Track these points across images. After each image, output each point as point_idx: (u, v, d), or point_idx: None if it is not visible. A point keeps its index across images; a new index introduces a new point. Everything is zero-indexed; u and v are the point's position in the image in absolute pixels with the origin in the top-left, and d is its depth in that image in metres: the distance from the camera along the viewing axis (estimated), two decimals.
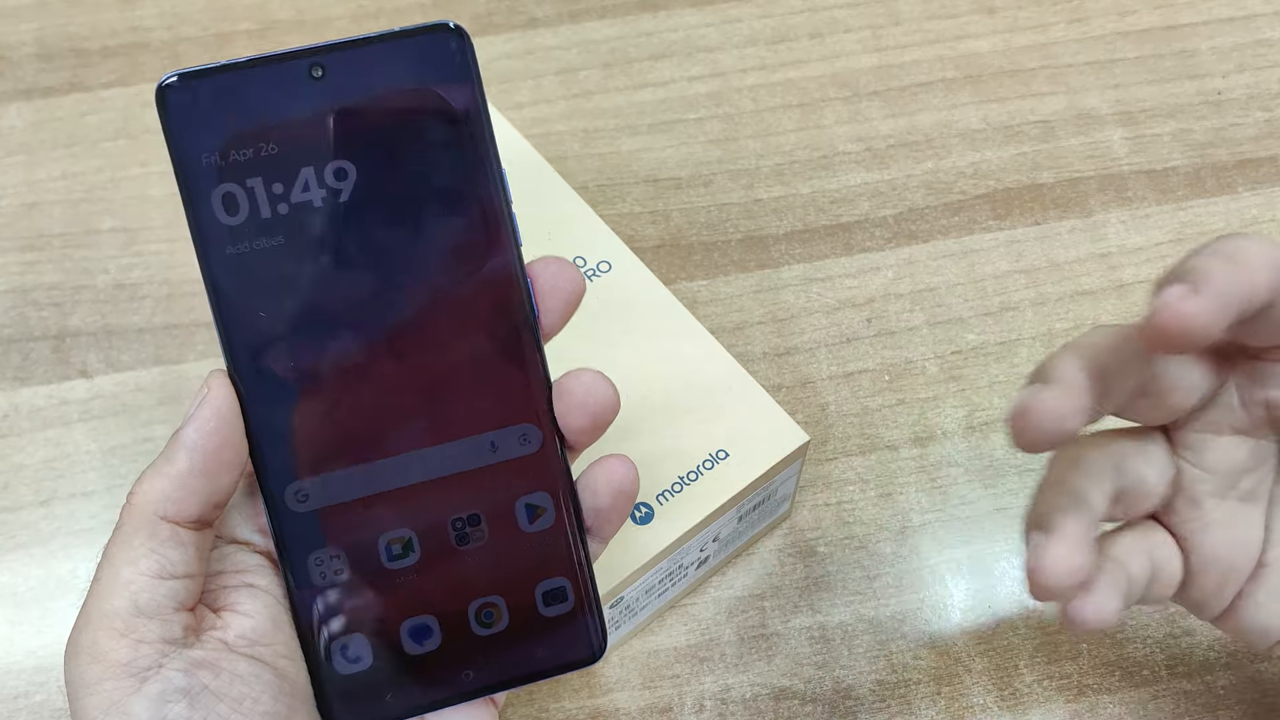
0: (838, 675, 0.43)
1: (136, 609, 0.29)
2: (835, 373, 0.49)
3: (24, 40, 0.58)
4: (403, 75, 0.31)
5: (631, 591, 0.39)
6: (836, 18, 0.58)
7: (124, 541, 0.29)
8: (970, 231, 0.52)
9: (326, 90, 0.30)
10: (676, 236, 0.52)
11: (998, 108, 0.55)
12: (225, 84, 0.30)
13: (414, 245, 0.31)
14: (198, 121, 0.30)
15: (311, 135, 0.30)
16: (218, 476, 0.30)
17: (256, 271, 0.30)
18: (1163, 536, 0.33)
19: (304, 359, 0.31)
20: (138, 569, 0.29)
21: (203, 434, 0.30)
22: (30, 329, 0.50)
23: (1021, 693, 0.42)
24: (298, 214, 0.30)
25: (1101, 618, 0.31)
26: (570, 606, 0.32)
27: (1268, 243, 0.29)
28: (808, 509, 0.46)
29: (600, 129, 0.55)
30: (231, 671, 0.29)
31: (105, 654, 0.28)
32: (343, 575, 0.31)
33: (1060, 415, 0.29)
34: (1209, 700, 0.42)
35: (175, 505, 0.29)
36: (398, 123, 0.31)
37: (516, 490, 0.32)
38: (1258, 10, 0.58)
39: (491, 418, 0.32)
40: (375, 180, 0.31)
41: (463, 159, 0.31)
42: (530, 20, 0.58)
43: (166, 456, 0.30)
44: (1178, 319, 0.27)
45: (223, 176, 0.30)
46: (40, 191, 0.53)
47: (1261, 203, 0.53)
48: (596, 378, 0.32)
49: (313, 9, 0.58)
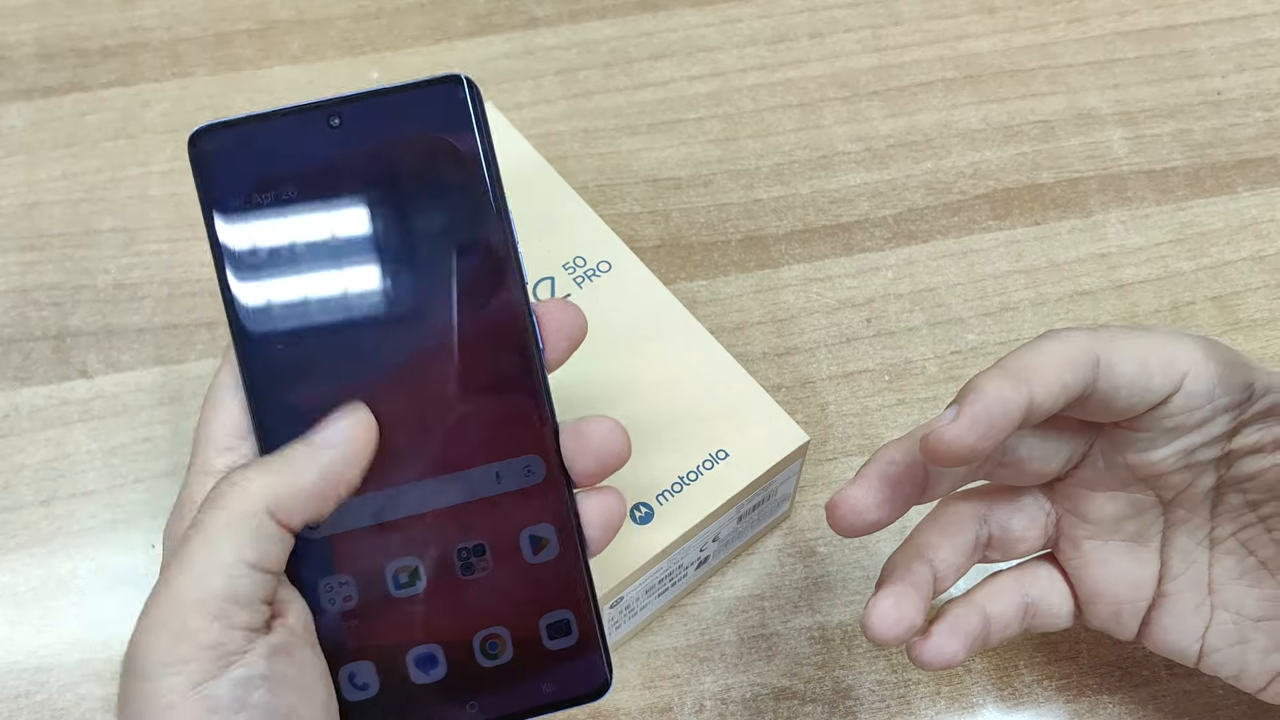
0: (838, 675, 0.43)
1: (234, 595, 0.29)
2: (835, 373, 0.49)
3: (24, 40, 0.58)
4: (414, 124, 0.32)
5: (631, 591, 0.39)
6: (836, 18, 0.58)
7: (229, 524, 0.29)
8: (970, 231, 0.52)
9: (343, 138, 0.32)
10: (676, 236, 0.52)
11: (998, 108, 0.55)
12: (251, 133, 0.32)
13: (426, 285, 0.32)
14: (225, 167, 0.32)
15: (329, 180, 0.32)
16: (328, 504, 0.31)
17: (277, 308, 0.32)
18: (1047, 572, 0.37)
19: (322, 392, 0.32)
20: (241, 555, 0.29)
21: (341, 465, 0.31)
22: (30, 329, 0.50)
23: (1021, 693, 0.42)
24: (316, 254, 0.32)
25: (943, 659, 0.34)
26: (575, 640, 0.32)
27: (1067, 344, 0.32)
28: (808, 509, 0.46)
29: (600, 129, 0.55)
30: (301, 661, 0.30)
31: (196, 633, 0.28)
32: (351, 602, 0.32)
33: (860, 511, 0.34)
34: (1209, 700, 0.42)
35: (284, 513, 0.30)
36: (409, 169, 0.32)
37: (521, 521, 0.32)
38: (1258, 10, 0.58)
39: (497, 449, 0.32)
40: (388, 223, 0.32)
41: (471, 202, 0.32)
42: (530, 20, 0.58)
43: (293, 465, 0.30)
44: (940, 444, 0.31)
45: (247, 218, 0.32)
46: (40, 191, 0.53)
47: (1261, 203, 0.53)
48: (614, 429, 0.32)
49: (313, 9, 0.58)
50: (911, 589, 0.34)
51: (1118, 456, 0.34)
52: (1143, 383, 0.32)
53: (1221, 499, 0.35)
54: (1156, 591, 0.36)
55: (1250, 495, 0.34)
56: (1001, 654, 0.43)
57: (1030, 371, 0.31)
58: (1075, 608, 0.37)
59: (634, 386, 0.41)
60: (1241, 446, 0.33)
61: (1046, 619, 0.37)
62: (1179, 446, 0.34)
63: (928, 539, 0.36)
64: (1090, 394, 0.32)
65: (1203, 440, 0.33)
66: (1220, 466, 0.34)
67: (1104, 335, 0.32)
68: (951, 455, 0.31)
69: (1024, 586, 0.37)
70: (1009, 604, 0.36)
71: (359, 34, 0.58)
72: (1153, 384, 0.32)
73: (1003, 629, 0.36)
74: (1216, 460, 0.34)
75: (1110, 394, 0.32)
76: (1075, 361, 0.32)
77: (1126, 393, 0.32)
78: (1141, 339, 0.33)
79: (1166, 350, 0.32)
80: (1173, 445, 0.34)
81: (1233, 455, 0.34)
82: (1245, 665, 0.36)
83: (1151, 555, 0.36)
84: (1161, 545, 0.36)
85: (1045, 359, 0.32)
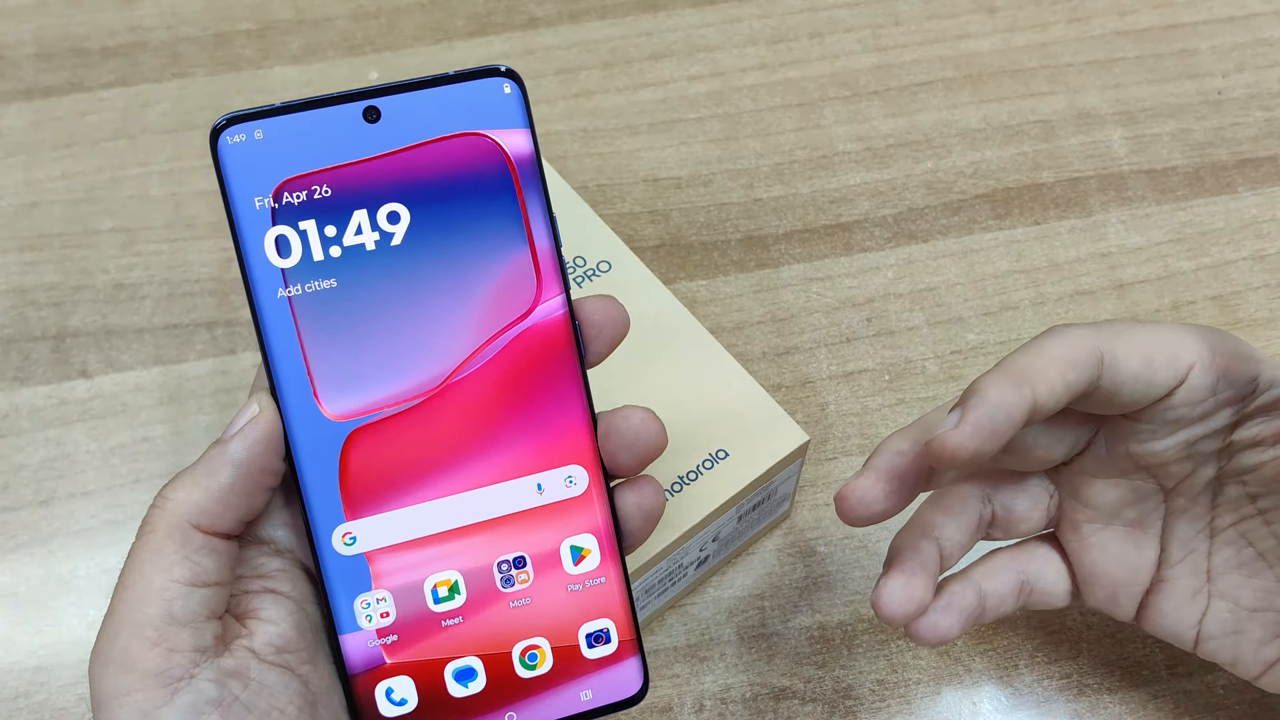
0: (838, 675, 0.43)
1: (170, 617, 0.28)
2: (835, 372, 0.49)
3: (24, 40, 0.58)
4: (458, 120, 0.31)
5: (632, 591, 0.39)
6: (836, 18, 0.58)
7: (156, 548, 0.29)
8: (970, 231, 0.52)
9: (380, 134, 0.31)
10: (676, 236, 0.52)
11: (998, 107, 0.55)
12: (278, 126, 0.30)
13: (467, 289, 0.31)
14: (251, 163, 0.30)
15: (365, 178, 0.31)
16: (255, 495, 0.30)
17: (311, 312, 0.31)
18: (1045, 552, 0.38)
19: (355, 401, 0.31)
20: (171, 576, 0.29)
21: (251, 454, 0.30)
22: (30, 329, 0.50)
23: (1021, 693, 0.42)
24: (351, 257, 0.31)
25: (938, 635, 0.35)
26: (614, 648, 0.32)
27: (1069, 342, 0.32)
28: (808, 509, 0.46)
29: (600, 129, 0.55)
30: (260, 682, 0.29)
31: (137, 663, 0.28)
32: (389, 618, 0.31)
33: (868, 503, 0.34)
34: (1209, 700, 0.42)
35: (210, 518, 0.29)
36: (452, 167, 0.31)
37: (562, 532, 0.32)
38: (1258, 10, 0.58)
39: (539, 460, 0.32)
40: (428, 225, 0.31)
41: (516, 204, 0.32)
42: (530, 20, 0.58)
43: (207, 469, 0.30)
44: (944, 450, 0.31)
45: (275, 219, 0.30)
46: (40, 191, 0.53)
47: (1261, 202, 0.53)
48: (647, 418, 0.32)
49: (312, 9, 0.58)
50: (920, 568, 0.34)
51: (1120, 446, 0.35)
52: (1146, 377, 0.32)
53: (1222, 490, 0.35)
54: (1155, 576, 0.36)
55: (1250, 488, 0.34)
56: (1002, 653, 0.43)
57: (1032, 373, 0.31)
58: (1073, 587, 0.37)
59: (634, 386, 0.41)
60: (1243, 439, 0.34)
61: (1043, 597, 0.37)
62: (1181, 438, 0.34)
63: (933, 518, 0.36)
64: (1094, 390, 0.32)
65: (1205, 432, 0.34)
66: (1221, 458, 0.34)
67: (1108, 331, 0.33)
68: (955, 461, 0.31)
69: (1021, 565, 0.37)
70: (1005, 582, 0.37)
71: (359, 34, 0.58)
72: (1156, 378, 0.32)
73: (998, 606, 0.37)
74: (1218, 452, 0.34)
75: (1114, 389, 0.32)
76: (1078, 360, 0.32)
77: (1130, 388, 0.32)
78: (1145, 334, 0.33)
79: (1171, 344, 0.32)
80: (1175, 437, 0.34)
81: (1234, 447, 0.34)
82: (1240, 654, 0.36)
83: (1151, 541, 0.36)
84: (1161, 532, 0.36)
85: (1047, 359, 0.32)
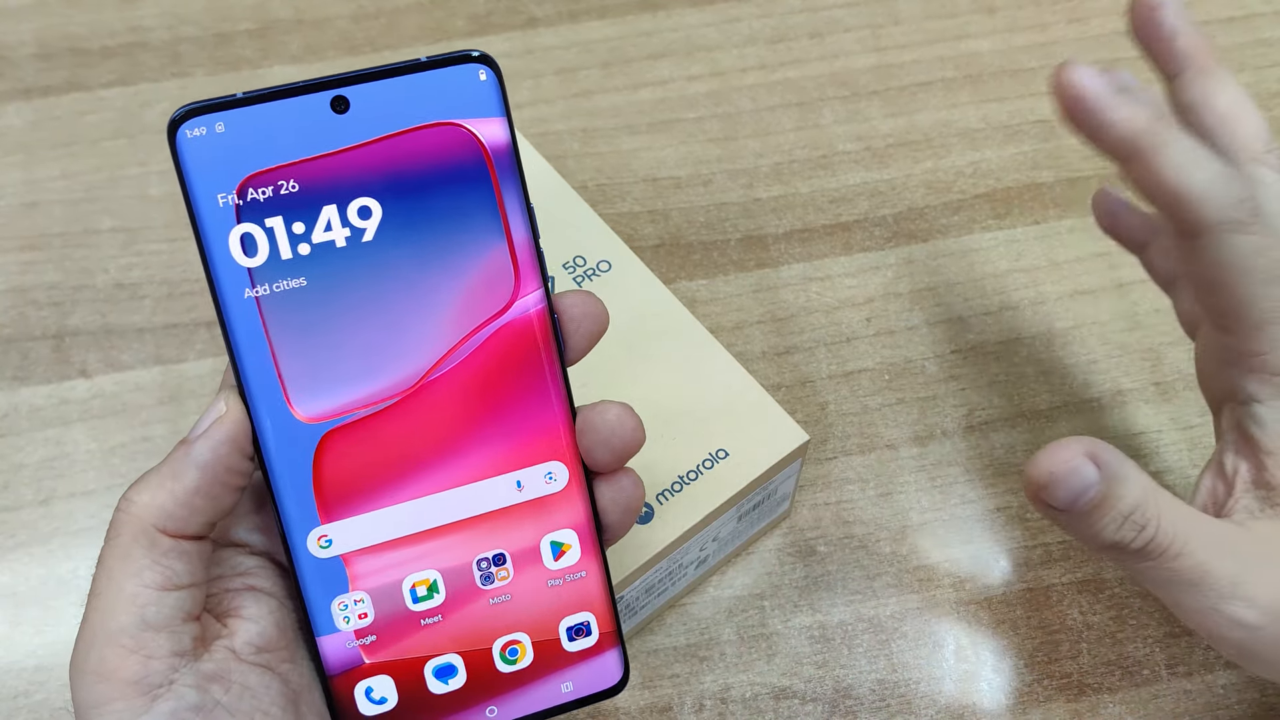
0: (838, 675, 0.43)
1: (144, 623, 0.28)
2: (835, 372, 0.49)
3: (24, 40, 0.58)
4: (431, 109, 0.29)
5: (631, 591, 0.39)
6: (836, 17, 0.58)
7: (123, 554, 0.29)
8: (970, 231, 0.52)
9: (350, 125, 0.29)
10: (676, 236, 0.52)
11: (997, 107, 0.55)
12: (241, 118, 0.28)
13: (443, 285, 0.30)
14: (213, 158, 0.28)
15: (334, 172, 0.29)
16: (221, 498, 0.29)
17: (281, 310, 0.29)
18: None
19: (328, 403, 0.30)
20: (142, 581, 0.28)
21: (216, 455, 0.29)
22: (30, 329, 0.50)
23: (1021, 693, 0.42)
24: (321, 255, 0.29)
25: (1081, 81, 0.33)
26: (594, 640, 0.32)
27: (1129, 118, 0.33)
28: (808, 509, 0.46)
29: (600, 129, 0.55)
30: (242, 684, 0.29)
31: (114, 672, 0.28)
32: (367, 619, 0.31)
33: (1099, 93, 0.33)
34: (1209, 700, 0.42)
35: (176, 522, 0.29)
36: (425, 159, 0.30)
37: (542, 528, 0.32)
38: (1258, 10, 0.58)
39: (519, 457, 0.31)
40: (401, 220, 0.30)
41: (493, 197, 0.30)
42: (530, 20, 0.58)
43: (172, 471, 0.29)
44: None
45: (240, 216, 0.29)
46: (40, 191, 0.53)
47: None
48: (623, 413, 0.31)
49: (312, 9, 0.58)
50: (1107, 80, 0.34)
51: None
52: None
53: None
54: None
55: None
56: (1002, 653, 0.43)
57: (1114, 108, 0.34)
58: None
59: (634, 386, 0.41)
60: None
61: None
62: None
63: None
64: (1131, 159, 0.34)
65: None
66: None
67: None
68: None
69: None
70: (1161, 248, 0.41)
71: (358, 34, 0.58)
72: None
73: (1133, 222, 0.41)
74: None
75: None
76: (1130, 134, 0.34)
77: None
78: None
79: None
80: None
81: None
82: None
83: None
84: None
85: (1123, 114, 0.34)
